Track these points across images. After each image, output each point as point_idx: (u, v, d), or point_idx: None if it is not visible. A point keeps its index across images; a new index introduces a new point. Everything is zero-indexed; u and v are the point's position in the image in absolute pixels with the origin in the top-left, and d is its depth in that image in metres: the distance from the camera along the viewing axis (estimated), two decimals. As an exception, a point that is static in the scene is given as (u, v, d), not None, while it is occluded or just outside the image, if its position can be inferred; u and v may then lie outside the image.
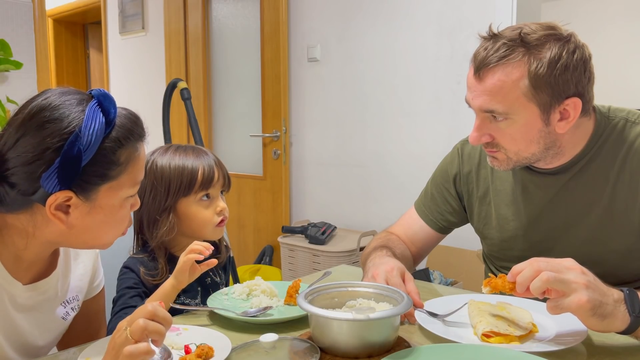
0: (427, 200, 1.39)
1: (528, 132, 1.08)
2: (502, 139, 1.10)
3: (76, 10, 5.25)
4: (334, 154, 3.11)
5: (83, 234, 0.90)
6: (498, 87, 1.04)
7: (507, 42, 1.03)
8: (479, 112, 1.10)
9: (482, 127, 1.10)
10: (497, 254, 1.30)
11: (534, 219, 1.20)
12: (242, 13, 3.58)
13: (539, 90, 1.03)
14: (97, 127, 0.83)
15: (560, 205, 1.17)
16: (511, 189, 1.23)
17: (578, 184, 1.15)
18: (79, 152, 0.81)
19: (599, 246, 1.14)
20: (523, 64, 1.02)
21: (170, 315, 0.76)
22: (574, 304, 0.84)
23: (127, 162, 0.87)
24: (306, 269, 2.81)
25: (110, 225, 0.91)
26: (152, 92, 4.02)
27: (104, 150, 0.84)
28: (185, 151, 1.26)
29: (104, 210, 0.88)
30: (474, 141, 1.12)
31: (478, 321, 0.95)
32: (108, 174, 0.86)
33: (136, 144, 0.89)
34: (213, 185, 1.25)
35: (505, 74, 1.03)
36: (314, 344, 0.89)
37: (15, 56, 2.48)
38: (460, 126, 2.53)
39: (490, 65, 1.04)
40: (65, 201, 0.85)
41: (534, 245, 1.20)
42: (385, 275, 1.08)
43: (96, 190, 0.86)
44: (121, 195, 0.89)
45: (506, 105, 1.05)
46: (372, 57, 2.87)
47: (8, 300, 0.91)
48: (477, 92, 1.07)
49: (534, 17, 2.45)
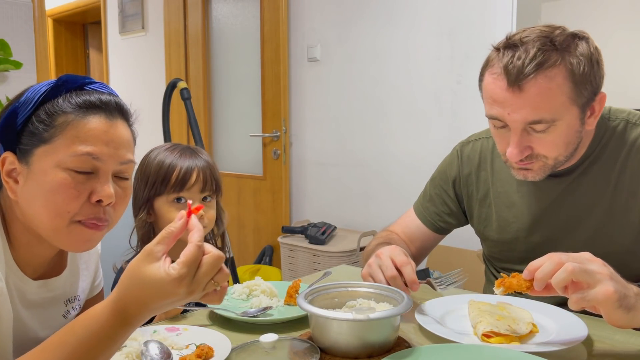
0: (425, 202, 1.39)
1: (568, 134, 1.05)
2: (543, 148, 1.06)
3: (76, 10, 5.25)
4: (334, 154, 3.11)
5: (27, 207, 0.86)
6: (544, 95, 1.00)
7: (541, 48, 0.99)
8: (518, 126, 1.04)
9: (522, 141, 1.05)
10: (498, 255, 1.30)
11: (536, 221, 1.20)
12: (242, 13, 3.58)
13: (582, 89, 1.01)
14: (37, 88, 0.85)
15: (562, 207, 1.17)
16: (513, 191, 1.23)
17: (580, 186, 1.15)
18: (14, 109, 0.85)
19: (600, 247, 1.13)
20: (563, 66, 1.00)
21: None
22: (601, 294, 0.81)
23: (63, 125, 0.84)
24: (306, 269, 2.81)
25: (44, 196, 0.83)
26: (152, 92, 4.02)
27: (41, 112, 0.85)
28: (177, 150, 1.25)
29: (39, 177, 0.84)
30: (516, 157, 1.06)
31: (478, 321, 0.95)
32: (40, 135, 0.84)
33: (87, 114, 0.85)
34: (187, 188, 1.21)
35: (549, 80, 0.99)
36: (314, 344, 0.89)
37: (15, 56, 2.48)
38: (460, 126, 2.53)
39: (530, 75, 0.99)
40: (12, 167, 0.86)
41: (535, 246, 1.20)
42: (390, 252, 1.07)
43: (32, 154, 0.84)
44: (54, 161, 0.83)
45: (553, 112, 1.01)
46: (372, 57, 2.87)
47: (17, 296, 0.91)
48: (515, 105, 1.02)
49: (534, 17, 2.45)
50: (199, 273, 0.69)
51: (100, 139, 0.85)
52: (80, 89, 0.88)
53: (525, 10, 2.39)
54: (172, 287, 0.68)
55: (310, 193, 3.26)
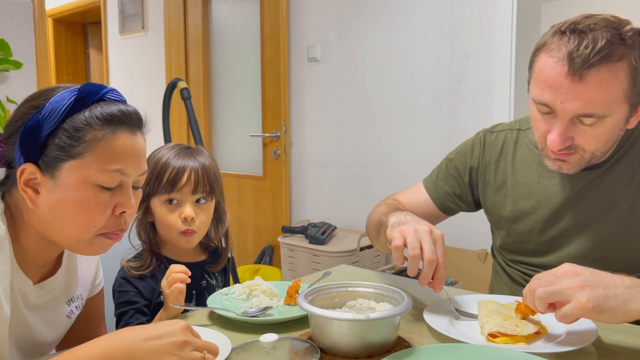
0: (438, 180, 1.37)
1: (612, 132, 1.03)
2: (585, 141, 1.03)
3: (76, 10, 5.25)
4: (334, 154, 3.11)
5: (50, 217, 0.87)
6: (603, 88, 0.97)
7: (610, 40, 0.96)
8: (568, 115, 1.01)
9: (567, 131, 1.02)
10: (511, 247, 1.27)
11: (554, 214, 1.18)
12: (242, 13, 3.58)
13: (639, 88, 1.00)
14: (61, 101, 0.85)
15: (583, 200, 1.15)
16: (533, 182, 1.21)
17: (604, 181, 1.13)
18: (36, 122, 0.84)
19: (617, 243, 1.13)
20: (627, 63, 0.97)
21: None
22: (576, 308, 0.82)
23: (93, 142, 0.85)
24: (306, 269, 2.81)
25: (72, 210, 0.86)
26: (152, 92, 4.02)
27: (68, 126, 0.84)
28: (175, 149, 1.24)
29: (66, 191, 0.85)
30: (558, 146, 1.03)
31: (485, 321, 0.94)
32: (69, 150, 0.84)
33: (115, 130, 0.87)
34: (178, 189, 1.19)
35: (611, 74, 0.96)
36: (314, 344, 0.89)
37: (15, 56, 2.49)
38: (460, 126, 2.53)
39: (594, 66, 0.95)
40: (32, 178, 0.85)
41: (551, 239, 1.19)
42: (435, 237, 0.99)
43: (59, 167, 0.85)
44: (84, 176, 0.85)
45: (606, 108, 0.98)
46: (372, 57, 2.87)
47: (21, 299, 0.92)
48: (571, 94, 0.98)
49: (534, 17, 2.45)
50: (198, 340, 0.78)
51: (127, 154, 0.88)
52: (101, 100, 0.88)
53: (525, 10, 2.39)
54: (174, 328, 0.76)
55: (310, 193, 3.26)
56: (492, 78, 2.42)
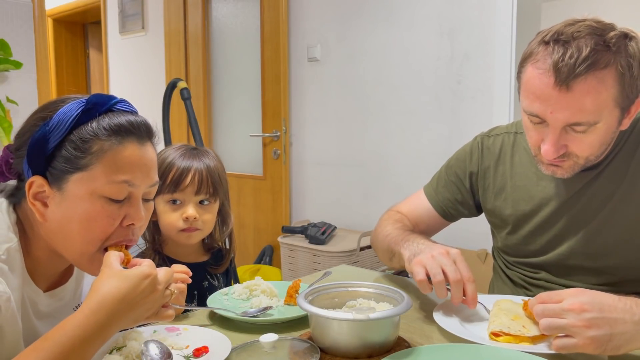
0: (439, 187, 1.37)
1: (605, 136, 1.04)
2: (578, 148, 1.04)
3: (76, 10, 5.25)
4: (334, 154, 3.11)
5: (58, 230, 0.86)
6: (591, 96, 0.97)
7: (595, 47, 0.95)
8: (559, 125, 1.01)
9: (560, 140, 1.02)
10: (511, 249, 1.28)
11: (554, 214, 1.19)
12: (242, 13, 3.58)
13: (628, 92, 0.99)
14: (68, 112, 0.84)
15: (581, 200, 1.16)
16: (532, 185, 1.22)
17: (599, 177, 1.14)
18: (43, 134, 0.83)
19: (612, 236, 1.13)
20: (614, 69, 0.97)
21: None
22: (579, 347, 0.82)
23: (100, 153, 0.83)
24: (306, 269, 2.81)
25: (79, 223, 0.84)
26: (152, 92, 4.02)
27: (75, 137, 0.83)
28: (181, 150, 1.24)
29: (74, 203, 0.83)
30: (551, 156, 1.04)
31: (492, 321, 0.94)
32: (76, 161, 0.83)
33: (122, 140, 0.85)
34: (181, 189, 1.20)
35: (598, 82, 0.96)
36: (314, 344, 0.89)
37: (15, 56, 2.49)
38: (460, 126, 2.53)
39: (581, 75, 0.95)
40: (41, 191, 0.85)
41: (551, 239, 1.19)
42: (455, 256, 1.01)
43: (66, 180, 0.83)
44: (91, 188, 0.83)
45: (597, 115, 0.98)
46: (372, 57, 2.87)
47: (31, 309, 0.91)
48: (560, 104, 0.98)
49: (534, 17, 2.45)
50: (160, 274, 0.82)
51: (135, 165, 0.86)
52: (110, 110, 0.87)
53: (525, 10, 2.39)
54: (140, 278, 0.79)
55: (310, 193, 3.26)
56: (492, 78, 2.42)
